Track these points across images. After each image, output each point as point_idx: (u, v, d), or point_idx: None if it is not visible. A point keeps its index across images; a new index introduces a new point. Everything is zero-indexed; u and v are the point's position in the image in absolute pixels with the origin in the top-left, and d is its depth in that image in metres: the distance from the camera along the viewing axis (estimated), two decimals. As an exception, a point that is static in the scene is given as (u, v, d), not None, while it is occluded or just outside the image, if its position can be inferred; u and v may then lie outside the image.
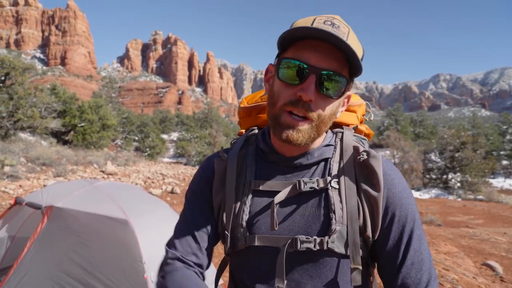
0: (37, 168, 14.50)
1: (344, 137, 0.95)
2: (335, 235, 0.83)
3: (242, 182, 0.94)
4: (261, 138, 0.98)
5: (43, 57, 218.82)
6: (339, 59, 0.79)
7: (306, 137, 0.83)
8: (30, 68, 23.82)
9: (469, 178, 25.79)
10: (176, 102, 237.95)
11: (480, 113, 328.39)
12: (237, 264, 0.98)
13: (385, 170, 0.87)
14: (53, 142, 25.88)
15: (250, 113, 1.15)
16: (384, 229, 0.86)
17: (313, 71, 0.78)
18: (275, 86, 0.85)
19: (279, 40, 0.82)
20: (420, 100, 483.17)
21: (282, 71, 0.82)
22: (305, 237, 0.84)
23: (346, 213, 0.84)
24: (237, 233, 0.91)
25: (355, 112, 1.08)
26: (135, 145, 47.21)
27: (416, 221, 0.86)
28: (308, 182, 0.87)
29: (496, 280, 5.35)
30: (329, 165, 0.91)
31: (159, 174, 20.27)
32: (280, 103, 0.82)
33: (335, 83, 0.80)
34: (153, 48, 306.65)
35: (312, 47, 0.79)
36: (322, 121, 0.83)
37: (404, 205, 0.86)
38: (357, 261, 0.83)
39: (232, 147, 1.01)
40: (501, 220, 11.92)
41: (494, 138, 41.13)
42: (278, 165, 0.93)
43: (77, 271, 3.03)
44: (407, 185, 0.90)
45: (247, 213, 0.90)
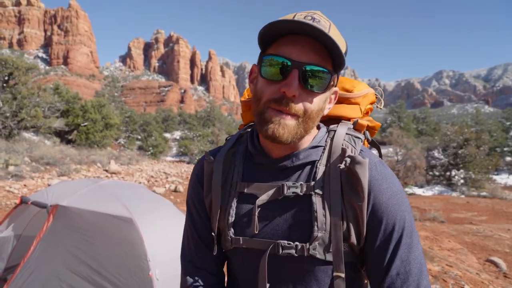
0: (41, 167, 14.58)
1: (335, 137, 0.90)
2: (317, 242, 0.81)
3: (229, 183, 0.93)
4: (249, 139, 0.96)
5: (46, 57, 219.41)
6: (321, 53, 0.77)
7: (293, 133, 0.80)
8: (33, 68, 23.87)
9: (473, 175, 25.66)
10: (179, 101, 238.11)
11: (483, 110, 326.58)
12: (229, 261, 1.02)
13: (372, 175, 0.83)
14: (57, 141, 25.99)
15: (250, 106, 1.12)
16: (370, 237, 0.83)
17: (296, 66, 0.76)
18: (259, 84, 0.83)
19: (259, 37, 0.80)
20: (423, 97, 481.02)
21: (264, 68, 0.80)
22: (286, 243, 0.82)
23: (330, 220, 0.81)
24: (225, 235, 0.92)
25: (358, 104, 1.02)
26: (138, 144, 47.27)
27: (406, 228, 0.81)
28: (291, 187, 0.84)
29: (500, 276, 5.34)
30: (315, 168, 0.87)
31: (162, 172, 20.32)
32: (264, 99, 0.80)
33: (319, 77, 0.78)
34: (155, 47, 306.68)
35: (294, 42, 0.77)
36: (309, 116, 0.80)
37: (392, 212, 0.81)
38: (340, 268, 0.80)
39: (224, 146, 1.00)
40: (505, 217, 11.87)
41: (497, 134, 40.88)
42: (265, 167, 0.91)
43: (82, 269, 3.07)
44: (398, 190, 0.85)
45: (233, 215, 0.90)
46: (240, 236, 0.89)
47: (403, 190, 0.87)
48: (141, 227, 3.14)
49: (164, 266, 3.05)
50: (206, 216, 1.00)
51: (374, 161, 0.86)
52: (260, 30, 0.78)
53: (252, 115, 1.08)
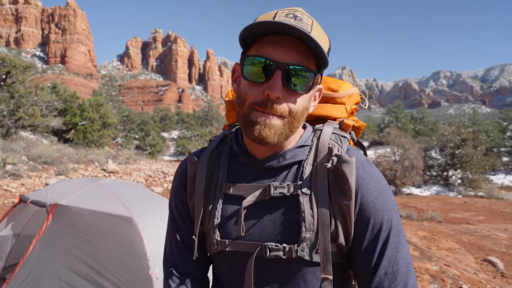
0: (38, 166, 14.54)
1: (321, 136, 0.89)
2: (305, 243, 0.79)
3: (214, 185, 0.91)
4: (234, 139, 0.94)
5: (43, 56, 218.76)
6: (304, 53, 0.76)
7: (278, 134, 0.78)
8: (31, 66, 23.79)
9: (470, 175, 25.78)
10: (176, 100, 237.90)
11: (480, 110, 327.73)
12: (214, 264, 0.98)
13: (360, 174, 0.82)
14: (54, 140, 25.90)
15: (234, 106, 1.07)
16: (357, 236, 0.82)
17: (279, 66, 0.74)
18: (242, 86, 0.81)
19: (240, 37, 0.78)
20: (420, 97, 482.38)
21: (246, 69, 0.78)
22: (274, 245, 0.81)
23: (317, 220, 0.79)
24: (210, 238, 0.89)
25: (343, 104, 1.01)
26: (136, 144, 47.23)
27: (394, 227, 0.81)
28: (278, 187, 0.83)
29: (497, 275, 5.38)
30: (302, 168, 0.85)
31: (160, 172, 20.30)
32: (248, 102, 0.78)
33: (302, 77, 0.76)
34: (153, 46, 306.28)
35: (276, 42, 0.76)
36: (294, 117, 0.79)
37: (379, 211, 0.81)
38: (328, 270, 0.79)
39: (208, 146, 0.98)
40: (501, 217, 11.93)
41: (494, 134, 41.06)
42: (250, 167, 0.89)
43: (82, 268, 3.06)
44: (386, 189, 0.84)
45: (218, 217, 0.88)
46: (226, 239, 0.87)
47: (389, 188, 0.86)
48: (141, 226, 3.13)
49: (164, 265, 3.05)
50: (189, 220, 0.97)
51: (360, 160, 0.85)
52: (241, 31, 0.76)
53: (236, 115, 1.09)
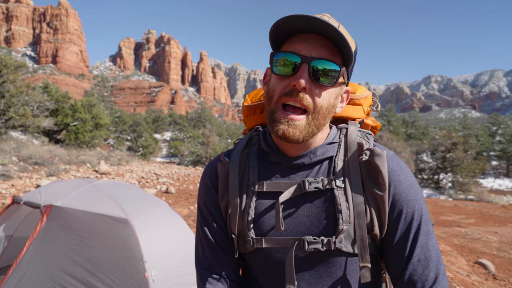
0: (29, 167, 14.33)
1: (348, 133, 0.93)
2: (343, 235, 0.82)
3: (246, 184, 0.93)
4: (263, 138, 0.97)
5: (34, 55, 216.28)
6: (330, 48, 0.81)
7: (304, 133, 0.82)
8: (22, 66, 23.48)
9: (460, 178, 26.11)
10: (169, 102, 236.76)
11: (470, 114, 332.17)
12: (248, 264, 0.98)
13: (390, 167, 0.86)
14: (45, 141, 25.59)
15: (254, 111, 1.12)
16: (390, 226, 0.85)
17: (305, 60, 0.79)
18: (271, 83, 0.86)
19: (270, 34, 0.83)
20: (412, 101, 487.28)
21: (275, 65, 0.83)
22: (312, 238, 0.83)
23: (353, 212, 0.83)
24: (245, 236, 0.91)
25: (361, 105, 1.06)
26: (128, 145, 46.91)
27: (424, 216, 0.85)
28: (312, 182, 0.86)
29: (489, 278, 5.44)
30: (333, 163, 0.89)
31: (153, 173, 20.15)
32: (276, 96, 0.83)
33: (328, 71, 0.80)
34: (146, 47, 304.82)
35: (303, 39, 0.81)
36: (319, 111, 0.82)
37: (411, 201, 0.85)
38: (365, 259, 0.82)
39: (235, 148, 1.01)
40: (491, 220, 12.09)
41: (484, 139, 41.67)
42: (281, 165, 0.92)
43: (77, 270, 3.02)
44: (414, 180, 0.89)
45: (253, 215, 0.90)
46: (261, 236, 0.89)
47: (416, 180, 0.90)
48: (137, 228, 3.11)
49: (160, 267, 3.03)
50: (222, 220, 0.99)
51: (389, 154, 0.90)
52: (271, 27, 0.81)
53: (255, 119, 1.11)
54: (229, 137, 57.79)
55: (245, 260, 0.99)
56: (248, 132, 1.06)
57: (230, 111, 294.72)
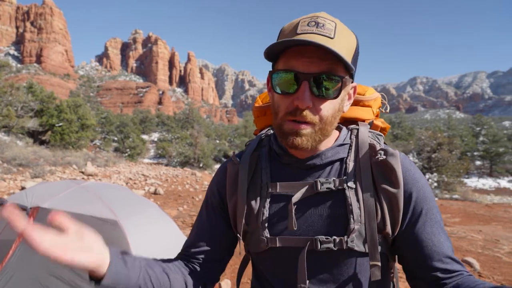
0: (13, 169, 14.03)
1: (359, 134, 0.94)
2: (354, 234, 0.84)
3: (259, 185, 0.94)
4: (274, 140, 0.99)
5: (17, 55, 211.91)
6: (329, 60, 0.78)
7: (311, 141, 0.83)
8: (5, 65, 23.04)
9: (445, 178, 26.52)
10: (157, 102, 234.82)
11: (455, 115, 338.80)
12: (259, 263, 1.00)
13: (405, 166, 0.88)
14: (30, 142, 25.06)
15: (264, 112, 1.13)
16: (410, 224, 0.87)
17: (305, 77, 0.78)
18: (275, 98, 0.86)
19: (265, 55, 0.83)
20: (398, 102, 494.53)
21: (275, 84, 0.83)
22: (324, 238, 0.85)
23: (364, 212, 0.84)
24: (258, 235, 0.92)
25: (370, 107, 1.07)
26: (115, 146, 46.32)
27: (439, 213, 0.89)
28: (324, 183, 0.87)
29: (474, 275, 5.55)
30: (345, 164, 0.91)
31: (140, 175, 19.95)
32: (281, 114, 0.83)
33: (330, 84, 0.79)
34: (133, 47, 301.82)
35: (300, 54, 0.79)
36: (326, 122, 0.82)
37: (428, 198, 0.88)
38: (376, 258, 0.84)
39: (246, 150, 1.02)
40: (476, 218, 12.33)
41: (468, 139, 42.49)
42: (293, 166, 0.93)
43: (65, 274, 2.97)
44: (425, 179, 0.92)
45: (267, 215, 0.91)
46: (275, 236, 0.90)
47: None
48: (126, 229, 3.08)
49: (150, 269, 3.01)
50: (223, 218, 1.02)
51: (402, 154, 0.91)
52: (264, 51, 0.81)
53: (266, 120, 1.12)
54: (217, 138, 57.64)
55: (256, 261, 1.01)
56: (259, 133, 1.08)
57: (218, 112, 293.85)
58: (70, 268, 3.00)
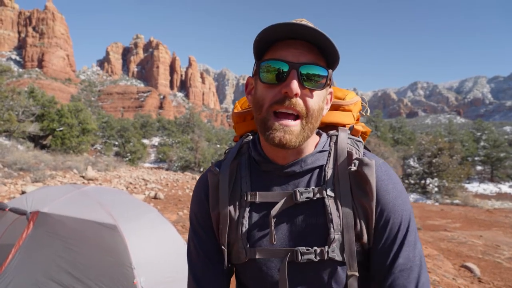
0: (14, 173, 14.04)
1: (338, 141, 0.93)
2: (335, 244, 0.83)
3: (238, 194, 0.92)
4: (253, 147, 0.97)
5: (19, 59, 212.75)
6: (315, 52, 0.82)
7: (300, 138, 0.82)
8: (7, 70, 23.14)
9: (446, 183, 26.45)
10: (157, 107, 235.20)
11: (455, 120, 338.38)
12: (241, 274, 0.99)
13: (379, 176, 0.86)
14: (30, 146, 25.11)
15: (244, 117, 1.12)
16: (377, 235, 0.86)
17: (293, 66, 0.79)
18: (259, 91, 0.85)
19: (255, 44, 0.83)
20: (398, 107, 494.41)
21: (263, 74, 0.83)
22: (305, 249, 0.84)
23: (342, 221, 0.83)
24: (238, 247, 0.91)
25: (350, 111, 1.06)
26: (115, 150, 46.34)
27: (410, 226, 0.85)
28: (304, 192, 0.86)
29: (475, 281, 5.54)
30: (323, 172, 0.89)
31: (141, 179, 19.94)
32: (266, 105, 0.82)
33: (316, 75, 0.81)
34: (134, 52, 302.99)
35: (288, 45, 0.81)
36: (312, 115, 0.83)
37: (398, 211, 0.85)
38: (353, 267, 0.83)
39: (226, 158, 1.00)
40: (477, 224, 12.30)
41: (469, 144, 42.40)
42: (272, 174, 0.92)
43: (64, 278, 2.98)
44: (403, 189, 0.89)
45: (246, 225, 0.89)
46: (255, 247, 0.89)
47: (405, 189, 0.91)
48: (125, 234, 3.09)
49: (149, 273, 3.01)
50: (212, 231, 0.99)
51: (379, 163, 0.90)
52: (255, 38, 0.81)
53: (246, 126, 1.11)
54: (218, 143, 57.59)
55: (238, 271, 0.99)
56: (239, 140, 1.06)
57: (219, 116, 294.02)
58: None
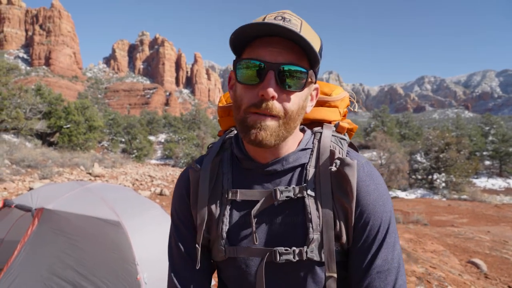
0: (22, 170, 14.20)
1: (322, 139, 0.91)
2: (313, 244, 0.81)
3: (220, 191, 0.91)
4: (235, 143, 0.95)
5: (27, 57, 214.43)
6: (295, 52, 0.77)
7: (275, 136, 0.79)
8: (14, 68, 23.32)
9: (454, 178, 26.28)
10: (163, 104, 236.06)
11: (463, 115, 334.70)
12: (221, 272, 0.98)
13: (360, 177, 0.85)
14: (38, 143, 25.36)
15: (228, 112, 1.10)
16: (355, 236, 0.84)
17: (271, 67, 0.75)
18: (237, 91, 0.82)
19: (231, 42, 0.79)
20: (405, 101, 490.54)
21: (240, 73, 0.79)
22: (284, 249, 0.82)
23: (322, 221, 0.82)
24: (218, 245, 0.90)
25: (337, 107, 1.03)
26: (122, 147, 46.65)
27: (390, 228, 0.84)
28: (284, 191, 0.84)
29: (481, 277, 5.49)
30: (305, 171, 0.87)
31: (147, 176, 20.08)
32: (244, 106, 0.79)
33: (295, 76, 0.77)
34: (140, 49, 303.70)
35: (266, 43, 0.77)
36: (290, 117, 0.79)
37: (378, 212, 0.83)
38: (332, 268, 0.81)
39: (208, 153, 0.98)
40: (484, 219, 12.19)
41: (477, 139, 41.95)
42: (254, 172, 0.90)
43: (69, 274, 3.01)
44: (384, 191, 0.87)
45: (227, 224, 0.88)
46: (234, 246, 0.88)
47: (387, 190, 0.89)
48: (129, 231, 3.11)
49: (152, 270, 3.03)
50: (193, 228, 0.96)
51: (361, 162, 0.88)
52: (230, 36, 0.77)
53: (231, 120, 1.09)
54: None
55: (218, 268, 0.99)
56: (222, 135, 1.04)
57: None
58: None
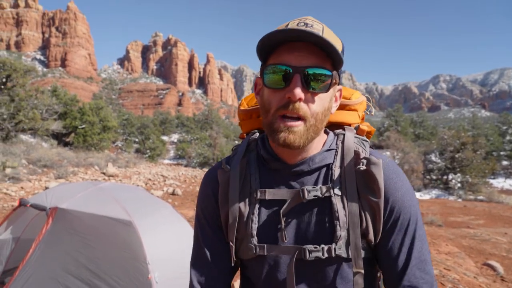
0: (38, 170, 14.52)
1: (345, 140, 0.95)
2: (341, 241, 0.85)
3: (248, 191, 0.94)
4: (261, 145, 0.98)
5: (44, 59, 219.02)
6: (319, 55, 0.81)
7: (304, 139, 0.83)
8: (31, 70, 23.83)
9: (470, 179, 25.74)
10: (176, 104, 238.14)
11: (480, 114, 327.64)
12: (247, 270, 1.00)
13: (387, 175, 0.88)
14: (54, 144, 25.88)
15: (250, 115, 1.13)
16: (387, 232, 0.88)
17: (297, 70, 0.80)
18: (265, 95, 0.86)
19: (258, 49, 0.84)
20: (420, 101, 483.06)
21: (267, 78, 0.84)
22: (313, 247, 0.85)
23: (348, 219, 0.85)
24: (247, 243, 0.92)
25: (356, 111, 1.08)
26: (135, 147, 47.18)
27: (418, 221, 0.89)
28: (311, 190, 0.88)
29: (497, 279, 5.37)
30: (331, 171, 0.91)
31: (160, 175, 20.28)
32: (273, 109, 0.83)
33: (320, 78, 0.81)
34: (153, 49, 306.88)
35: (291, 49, 0.81)
36: (316, 118, 0.83)
37: (407, 207, 0.88)
38: (359, 264, 0.85)
39: (234, 155, 1.01)
40: (501, 221, 11.92)
41: (494, 138, 41.03)
42: (281, 172, 0.93)
43: (82, 272, 3.06)
44: (410, 186, 0.91)
45: (256, 222, 0.91)
46: (264, 244, 0.90)
47: (411, 186, 0.93)
48: (141, 230, 3.14)
49: (163, 269, 3.06)
50: (219, 228, 0.99)
51: (386, 161, 0.92)
52: (257, 43, 0.81)
53: (252, 123, 1.12)
54: (236, 139, 57.81)
55: (245, 266, 1.00)
56: (246, 137, 1.06)
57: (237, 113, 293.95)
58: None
